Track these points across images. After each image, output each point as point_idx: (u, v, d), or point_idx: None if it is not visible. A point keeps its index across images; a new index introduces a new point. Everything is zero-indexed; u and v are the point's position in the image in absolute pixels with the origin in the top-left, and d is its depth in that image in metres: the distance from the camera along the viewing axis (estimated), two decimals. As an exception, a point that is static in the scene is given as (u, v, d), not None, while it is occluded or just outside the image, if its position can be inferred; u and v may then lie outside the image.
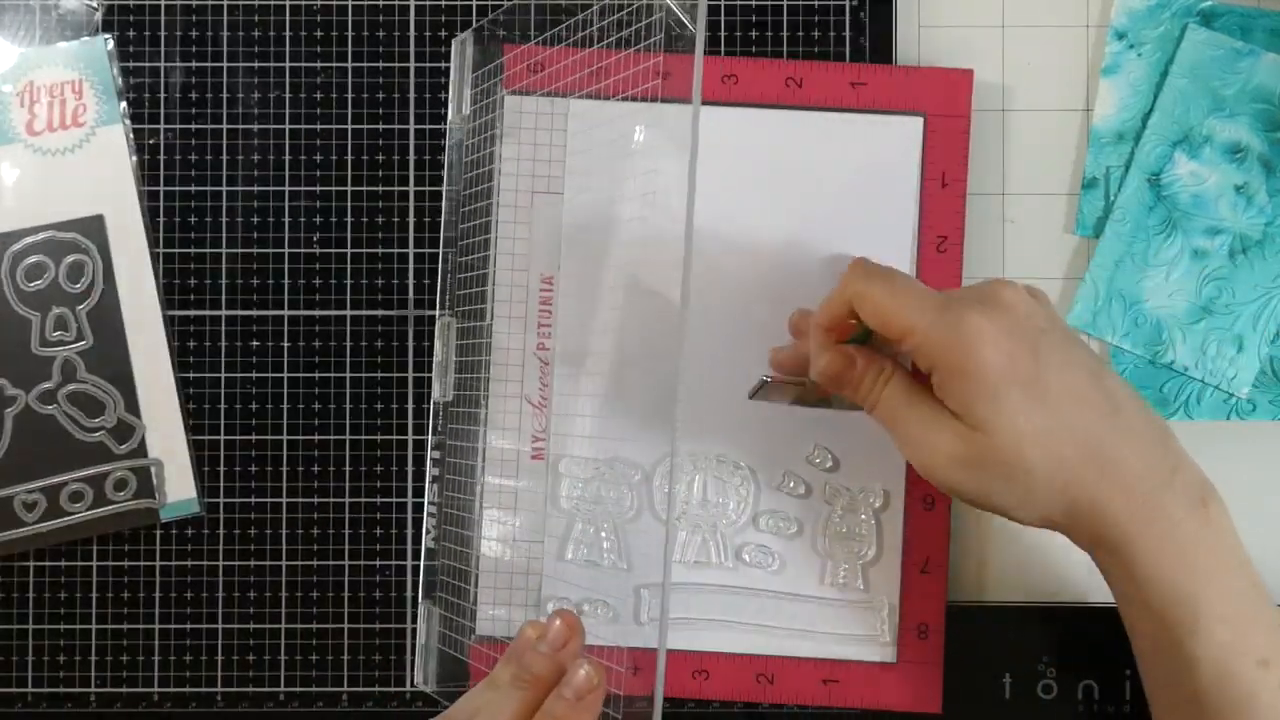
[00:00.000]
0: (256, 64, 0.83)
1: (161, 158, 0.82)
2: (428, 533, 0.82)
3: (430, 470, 0.82)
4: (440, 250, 0.82)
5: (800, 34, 0.83)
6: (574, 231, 0.81)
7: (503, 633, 0.81)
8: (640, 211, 0.81)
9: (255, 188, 0.83)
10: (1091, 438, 0.68)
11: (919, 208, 0.81)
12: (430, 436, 0.82)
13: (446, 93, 0.82)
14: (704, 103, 0.81)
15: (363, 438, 0.82)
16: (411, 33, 0.83)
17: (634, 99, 0.80)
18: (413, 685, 0.82)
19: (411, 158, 0.82)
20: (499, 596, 0.81)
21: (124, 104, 0.82)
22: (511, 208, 0.81)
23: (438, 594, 0.82)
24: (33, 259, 0.82)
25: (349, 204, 0.83)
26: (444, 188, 0.82)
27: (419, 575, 0.82)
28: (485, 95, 0.82)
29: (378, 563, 0.82)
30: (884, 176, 0.81)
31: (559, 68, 0.81)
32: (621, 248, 0.81)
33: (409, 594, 0.82)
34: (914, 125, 0.81)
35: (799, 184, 0.81)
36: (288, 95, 0.82)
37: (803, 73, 0.81)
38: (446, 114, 0.82)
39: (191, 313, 0.82)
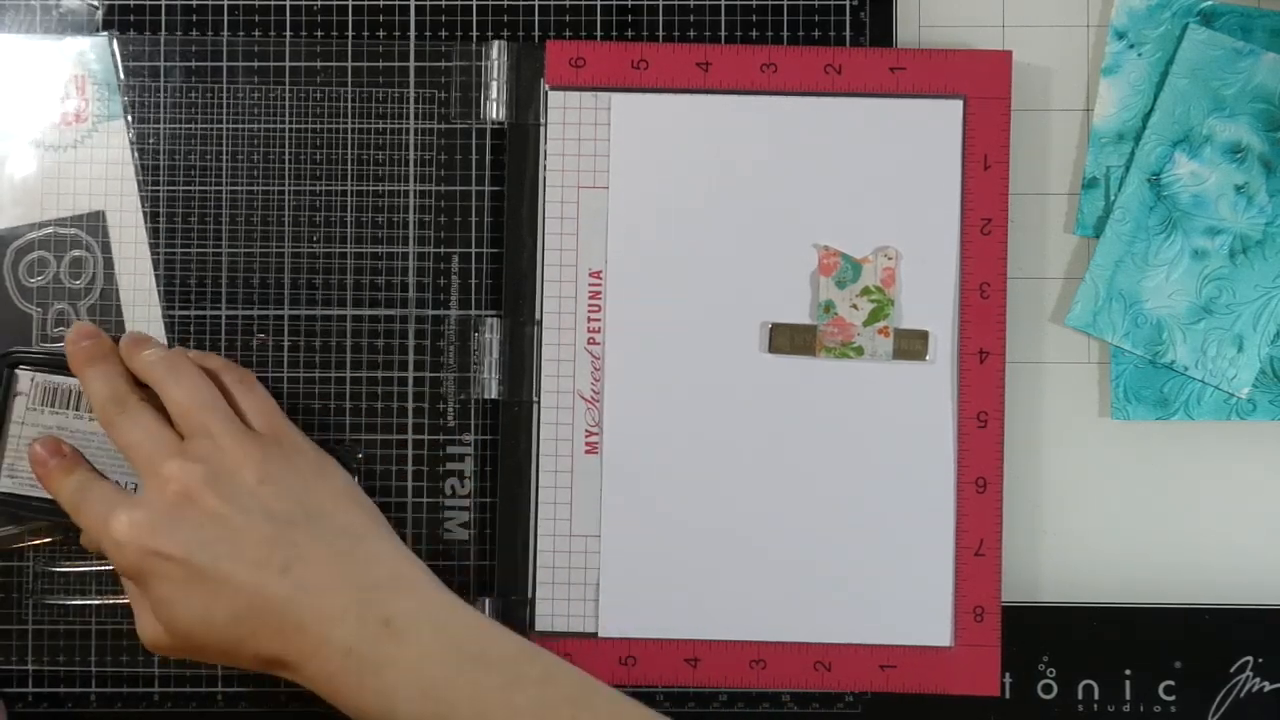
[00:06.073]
0: (256, 64, 0.83)
1: (163, 159, 0.82)
2: (470, 529, 0.82)
3: (471, 467, 0.82)
4: (480, 250, 0.82)
5: (800, 34, 0.83)
6: (621, 225, 0.81)
7: (561, 626, 0.81)
8: (686, 204, 0.81)
9: (255, 188, 0.82)
10: (259, 606, 0.71)
11: (962, 191, 0.81)
12: (474, 436, 0.82)
13: (484, 92, 0.82)
14: (743, 91, 0.82)
15: (363, 437, 0.82)
16: (411, 33, 0.83)
17: (676, 91, 0.81)
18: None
19: (412, 157, 0.82)
20: (557, 591, 0.81)
21: (125, 101, 0.82)
22: (558, 203, 0.82)
23: (495, 590, 0.82)
24: (34, 255, 0.82)
25: (349, 204, 0.83)
26: (485, 187, 0.83)
27: (471, 573, 0.82)
28: (528, 92, 0.82)
29: (378, 562, 0.82)
30: (926, 161, 0.81)
31: (601, 62, 0.82)
32: (669, 240, 0.81)
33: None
34: (954, 108, 0.81)
35: (841, 171, 0.81)
36: (288, 95, 0.82)
37: (841, 59, 0.81)
38: (483, 113, 0.82)
39: (192, 312, 0.82)
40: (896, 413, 0.81)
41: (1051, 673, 0.82)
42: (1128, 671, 0.82)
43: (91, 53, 0.82)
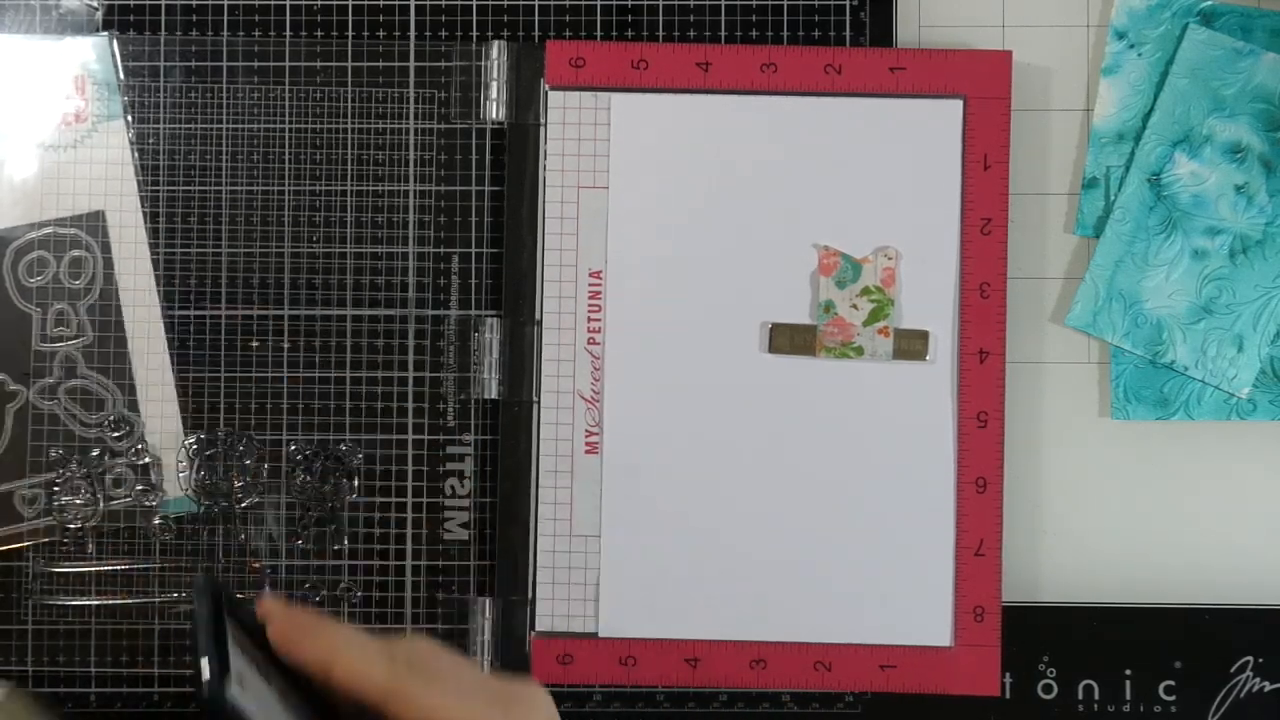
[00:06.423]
0: (256, 64, 0.83)
1: (163, 159, 0.82)
2: (470, 529, 0.82)
3: (471, 467, 0.82)
4: (480, 250, 0.82)
5: (800, 34, 0.83)
6: (621, 225, 0.82)
7: (562, 627, 0.81)
8: (686, 204, 0.82)
9: (255, 188, 0.83)
10: None
11: (962, 191, 0.81)
12: (474, 436, 0.82)
13: (484, 92, 0.82)
14: (743, 91, 0.82)
15: (363, 437, 0.82)
16: (411, 33, 0.83)
17: (676, 91, 0.82)
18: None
19: (412, 157, 0.82)
20: (557, 591, 0.81)
21: (125, 101, 0.82)
22: (558, 204, 0.82)
23: (495, 590, 0.82)
24: (34, 255, 0.82)
25: (349, 204, 0.83)
26: (485, 187, 0.83)
27: (472, 574, 0.82)
28: (528, 92, 0.82)
29: (377, 562, 0.82)
30: (926, 161, 0.81)
31: (601, 62, 0.82)
32: (669, 240, 0.82)
33: (409, 593, 0.82)
34: (954, 108, 0.81)
35: (841, 171, 0.81)
36: (288, 95, 0.83)
37: (841, 59, 0.81)
38: (483, 113, 0.82)
39: (191, 312, 0.82)
40: (896, 413, 0.81)
41: (1051, 673, 0.82)
42: (1128, 671, 0.82)
43: (91, 53, 0.82)
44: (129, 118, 0.82)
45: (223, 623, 0.61)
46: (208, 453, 0.82)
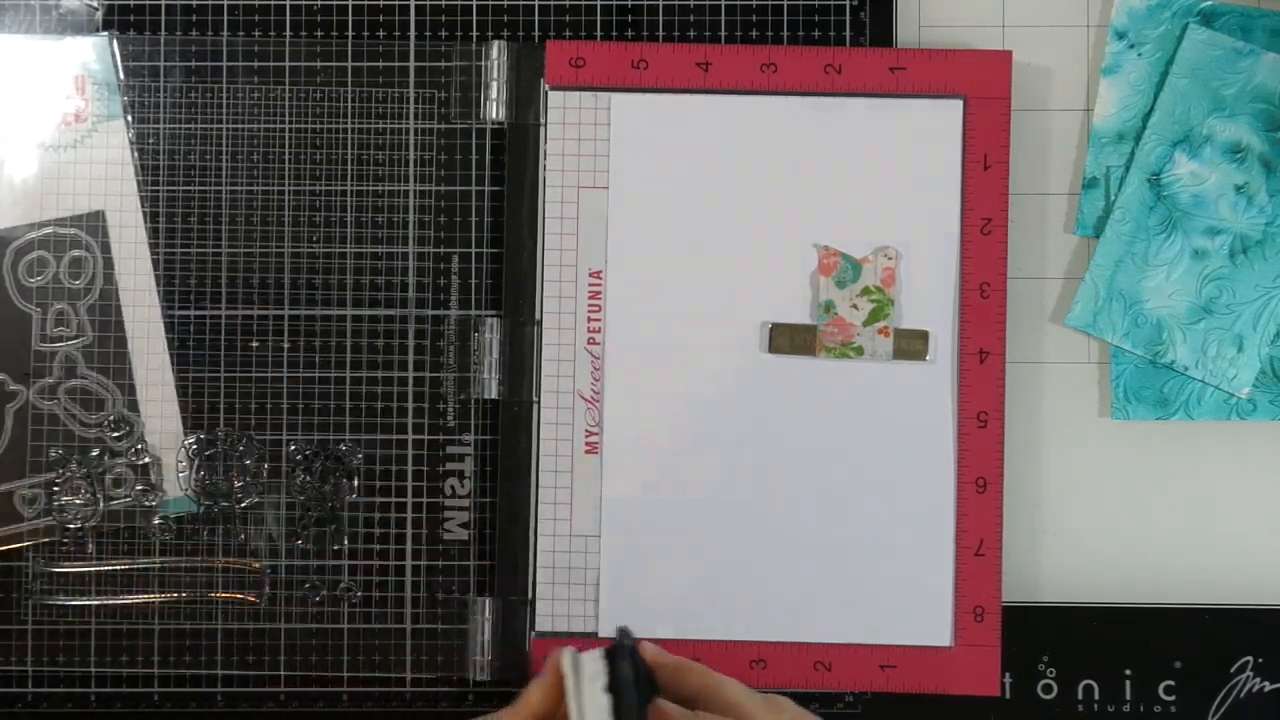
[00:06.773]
0: (256, 64, 0.83)
1: (163, 159, 0.82)
2: (470, 529, 0.82)
3: (471, 467, 0.82)
4: (480, 250, 0.82)
5: (800, 34, 0.83)
6: (621, 225, 0.82)
7: (562, 627, 0.81)
8: (686, 204, 0.82)
9: (255, 188, 0.83)
10: None
11: (962, 191, 0.81)
12: (474, 436, 0.82)
13: (484, 92, 0.82)
14: (743, 91, 0.82)
15: (362, 437, 0.82)
16: (411, 33, 0.83)
17: (676, 91, 0.82)
18: (474, 682, 0.82)
19: (412, 157, 0.82)
20: (557, 591, 0.81)
21: (125, 101, 0.82)
22: (558, 203, 0.82)
23: (495, 590, 0.82)
24: (34, 255, 0.82)
25: (349, 204, 0.83)
26: (485, 187, 0.83)
27: (472, 574, 0.82)
28: (528, 92, 0.82)
29: (376, 562, 0.82)
30: (926, 161, 0.81)
31: (600, 62, 0.82)
32: (669, 240, 0.82)
33: (409, 593, 0.82)
34: (954, 108, 0.81)
35: (841, 171, 0.81)
36: (288, 95, 0.82)
37: (841, 59, 0.81)
38: (483, 113, 0.82)
39: (191, 312, 0.82)
40: (896, 413, 0.81)
41: (1051, 673, 0.82)
42: (1128, 671, 0.82)
43: (91, 53, 0.82)
44: (129, 118, 0.82)
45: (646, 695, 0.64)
46: (208, 453, 0.82)
